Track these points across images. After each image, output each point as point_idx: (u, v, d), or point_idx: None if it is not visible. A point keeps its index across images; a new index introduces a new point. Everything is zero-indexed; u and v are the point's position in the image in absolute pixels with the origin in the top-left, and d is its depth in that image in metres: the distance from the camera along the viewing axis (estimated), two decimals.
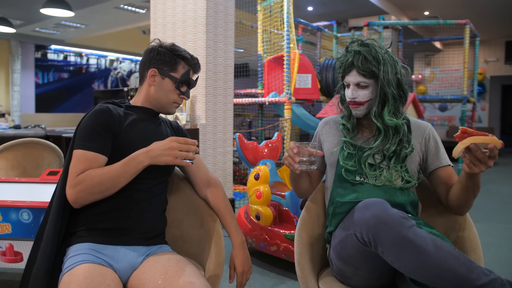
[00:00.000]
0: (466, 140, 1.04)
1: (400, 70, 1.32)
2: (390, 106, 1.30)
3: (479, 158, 1.07)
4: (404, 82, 1.32)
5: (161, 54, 1.30)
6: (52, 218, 1.17)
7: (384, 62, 1.28)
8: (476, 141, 1.03)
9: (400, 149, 1.30)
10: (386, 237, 1.04)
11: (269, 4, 4.37)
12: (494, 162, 1.09)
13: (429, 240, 1.02)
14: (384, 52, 1.30)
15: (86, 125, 1.20)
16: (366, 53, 1.28)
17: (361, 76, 1.30)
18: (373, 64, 1.27)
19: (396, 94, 1.30)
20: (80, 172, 1.14)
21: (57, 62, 10.73)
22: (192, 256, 1.41)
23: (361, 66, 1.28)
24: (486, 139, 1.03)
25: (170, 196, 1.45)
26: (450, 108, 11.33)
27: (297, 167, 1.24)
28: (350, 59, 1.31)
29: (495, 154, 1.06)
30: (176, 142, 1.14)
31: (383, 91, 1.29)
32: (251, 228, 2.50)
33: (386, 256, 1.06)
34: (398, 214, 1.06)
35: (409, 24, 6.43)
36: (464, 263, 0.99)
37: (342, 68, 1.35)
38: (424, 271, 1.01)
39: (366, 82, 1.30)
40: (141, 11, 7.30)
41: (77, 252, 1.13)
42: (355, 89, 1.32)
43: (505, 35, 10.46)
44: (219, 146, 3.21)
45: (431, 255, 1.00)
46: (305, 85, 4.18)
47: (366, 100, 1.32)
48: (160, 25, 3.35)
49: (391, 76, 1.28)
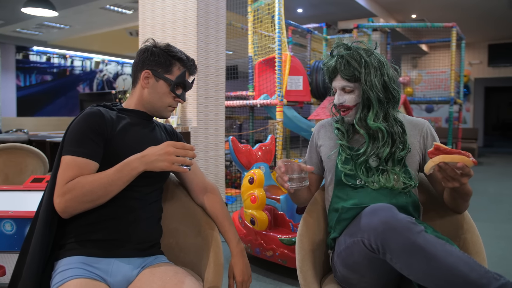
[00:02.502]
0: (436, 158, 1.05)
1: (387, 72, 1.28)
2: (375, 110, 1.27)
3: (451, 176, 1.07)
4: (393, 84, 1.29)
5: (155, 55, 1.23)
6: (39, 229, 1.08)
7: (366, 65, 1.25)
8: (445, 159, 1.04)
9: (395, 151, 1.27)
10: (395, 243, 1.01)
11: (259, 6, 4.33)
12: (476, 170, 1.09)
13: (439, 246, 0.99)
14: (369, 55, 1.28)
15: (76, 129, 1.12)
16: (348, 57, 1.27)
17: (345, 80, 1.28)
18: (355, 68, 1.26)
19: (382, 97, 1.27)
20: (69, 179, 1.06)
21: (40, 64, 10.46)
22: (189, 265, 1.35)
23: (344, 70, 1.27)
24: (456, 158, 1.03)
25: (164, 204, 1.38)
26: (436, 109, 11.50)
27: (287, 186, 1.22)
28: (333, 64, 1.30)
29: (467, 172, 1.05)
30: (172, 147, 1.08)
31: (366, 95, 1.27)
32: (245, 233, 2.44)
33: (395, 263, 1.03)
34: (406, 219, 1.03)
35: (398, 26, 6.47)
36: (475, 269, 0.97)
37: (328, 73, 1.34)
38: (434, 278, 0.98)
39: (350, 87, 1.28)
40: (128, 11, 7.17)
41: (67, 266, 1.05)
42: (341, 93, 1.31)
43: (488, 38, 10.70)
44: (211, 149, 3.14)
45: (441, 261, 0.97)
46: (296, 87, 4.14)
47: (353, 105, 1.30)
48: (149, 25, 3.26)
49: (374, 79, 1.25)
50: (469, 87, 11.39)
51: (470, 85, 11.45)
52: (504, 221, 3.72)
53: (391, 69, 1.31)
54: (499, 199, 4.69)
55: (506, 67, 10.88)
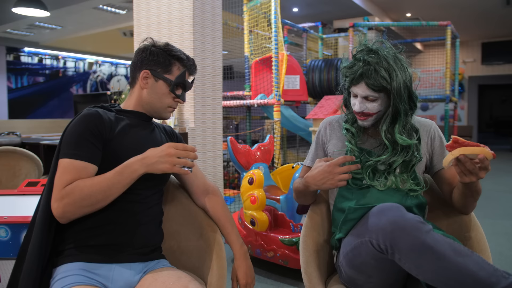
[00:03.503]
0: (456, 151, 1.01)
1: (409, 76, 1.21)
2: (401, 121, 1.22)
3: (469, 169, 1.04)
4: (414, 90, 1.23)
5: (154, 54, 1.20)
6: (36, 235, 1.05)
7: (396, 75, 1.17)
8: (466, 152, 1.00)
9: (410, 160, 1.23)
10: (404, 243, 0.99)
11: (255, 5, 4.30)
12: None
13: (448, 245, 0.98)
14: (394, 60, 1.19)
15: (73, 131, 1.08)
16: (376, 65, 1.17)
17: (370, 90, 1.19)
18: (384, 78, 1.16)
19: (408, 107, 1.22)
20: (67, 183, 1.02)
21: (32, 66, 10.33)
22: (191, 269, 1.31)
23: (371, 80, 1.17)
24: (476, 150, 1.00)
25: (165, 206, 1.35)
26: (431, 107, 11.55)
27: (346, 177, 1.18)
28: (359, 71, 1.18)
29: (486, 165, 1.02)
30: (174, 149, 1.05)
31: (395, 106, 1.20)
32: (246, 234, 2.41)
33: (404, 263, 1.01)
34: (415, 219, 1.01)
35: (394, 25, 6.47)
36: (484, 267, 0.95)
37: (350, 78, 1.23)
38: (444, 277, 0.97)
39: (375, 96, 1.20)
40: (121, 11, 7.10)
41: (66, 273, 1.01)
42: (363, 101, 1.23)
43: (482, 36, 10.77)
44: (209, 150, 3.10)
45: (450, 261, 0.96)
46: (293, 87, 4.12)
47: (375, 112, 1.23)
48: (144, 25, 3.22)
49: (403, 89, 1.19)
50: (463, 85, 11.45)
51: (464, 83, 11.52)
52: (501, 217, 3.74)
53: (410, 70, 1.23)
54: (495, 196, 4.72)
55: (499, 65, 10.96)
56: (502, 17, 8.42)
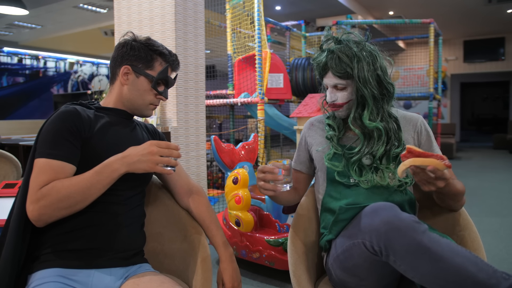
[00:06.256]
0: (407, 162, 0.99)
1: (380, 65, 1.22)
2: (370, 107, 1.21)
3: (424, 179, 1.01)
4: (387, 77, 1.23)
5: (135, 49, 1.15)
6: (9, 239, 0.99)
7: (358, 60, 1.18)
8: (416, 163, 0.98)
9: (390, 148, 1.22)
10: (399, 244, 0.94)
11: (238, 3, 4.26)
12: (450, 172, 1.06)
13: (445, 246, 0.94)
14: (361, 49, 1.21)
15: (49, 129, 1.03)
16: (339, 52, 1.20)
17: (336, 77, 1.21)
18: (347, 64, 1.19)
19: (377, 94, 1.21)
20: (43, 184, 0.97)
21: (11, 66, 10.05)
22: (175, 273, 1.27)
23: (335, 67, 1.20)
24: (426, 162, 0.97)
25: (147, 208, 1.30)
26: (414, 105, 11.70)
27: (279, 188, 1.14)
28: (324, 60, 1.22)
29: (440, 175, 0.98)
30: (156, 147, 1.00)
31: (360, 92, 1.21)
32: (230, 235, 2.37)
33: (399, 266, 0.97)
34: (410, 219, 0.98)
35: (377, 23, 6.51)
36: (483, 268, 0.91)
37: (318, 69, 1.26)
38: (441, 280, 0.92)
39: (343, 84, 1.22)
40: (102, 10, 6.96)
41: (42, 280, 0.96)
42: (333, 91, 1.25)
43: (464, 34, 10.94)
44: (192, 149, 3.05)
45: (448, 262, 0.91)
46: (277, 85, 4.09)
47: (345, 102, 1.24)
48: (125, 23, 3.15)
49: (368, 75, 1.19)
50: (445, 83, 11.63)
51: (446, 81, 11.70)
52: (487, 214, 3.74)
53: (384, 61, 1.25)
54: (479, 193, 4.75)
55: (481, 63, 11.15)
56: (484, 15, 8.56)
